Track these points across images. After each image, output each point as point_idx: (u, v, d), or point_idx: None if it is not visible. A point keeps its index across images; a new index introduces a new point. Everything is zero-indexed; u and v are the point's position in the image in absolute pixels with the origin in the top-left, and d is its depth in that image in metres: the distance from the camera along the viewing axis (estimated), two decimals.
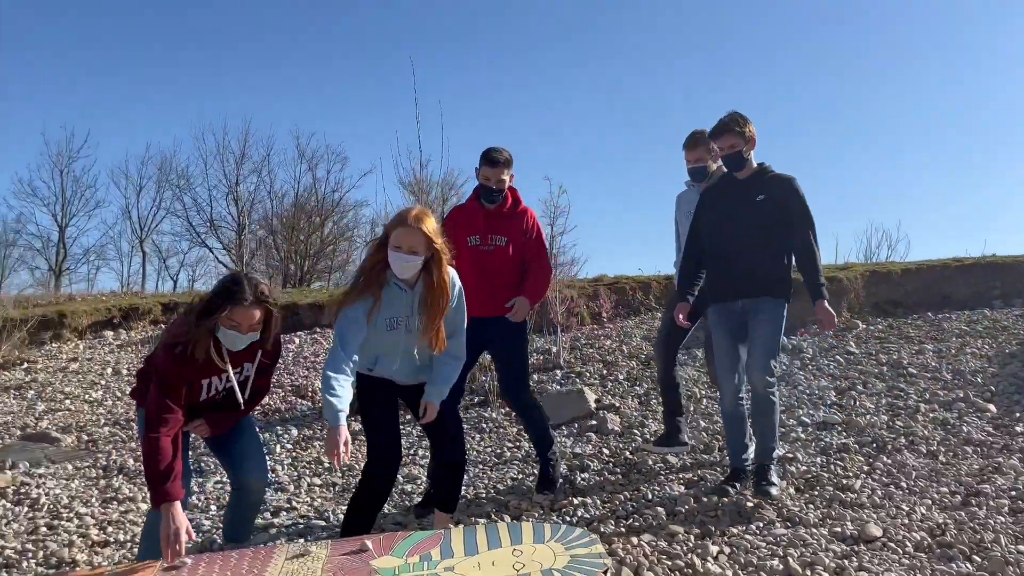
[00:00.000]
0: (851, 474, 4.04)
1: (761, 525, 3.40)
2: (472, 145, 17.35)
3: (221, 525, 3.64)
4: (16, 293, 14.18)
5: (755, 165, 3.80)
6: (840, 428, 4.83)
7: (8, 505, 4.30)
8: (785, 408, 5.31)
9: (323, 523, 3.80)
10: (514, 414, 4.19)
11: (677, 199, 4.48)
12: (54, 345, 9.03)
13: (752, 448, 3.89)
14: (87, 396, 7.00)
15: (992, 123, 36.49)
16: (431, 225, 2.95)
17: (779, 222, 3.70)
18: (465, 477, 4.33)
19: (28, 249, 29.37)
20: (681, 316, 3.89)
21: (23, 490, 4.53)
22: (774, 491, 3.61)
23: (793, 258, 3.75)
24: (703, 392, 5.81)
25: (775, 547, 3.19)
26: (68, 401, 6.87)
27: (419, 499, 3.99)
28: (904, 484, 3.86)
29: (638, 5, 40.90)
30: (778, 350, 3.71)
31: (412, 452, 4.91)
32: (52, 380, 7.64)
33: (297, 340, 8.17)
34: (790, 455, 4.35)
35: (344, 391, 2.85)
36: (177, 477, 2.75)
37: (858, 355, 6.58)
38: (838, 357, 6.53)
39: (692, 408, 5.40)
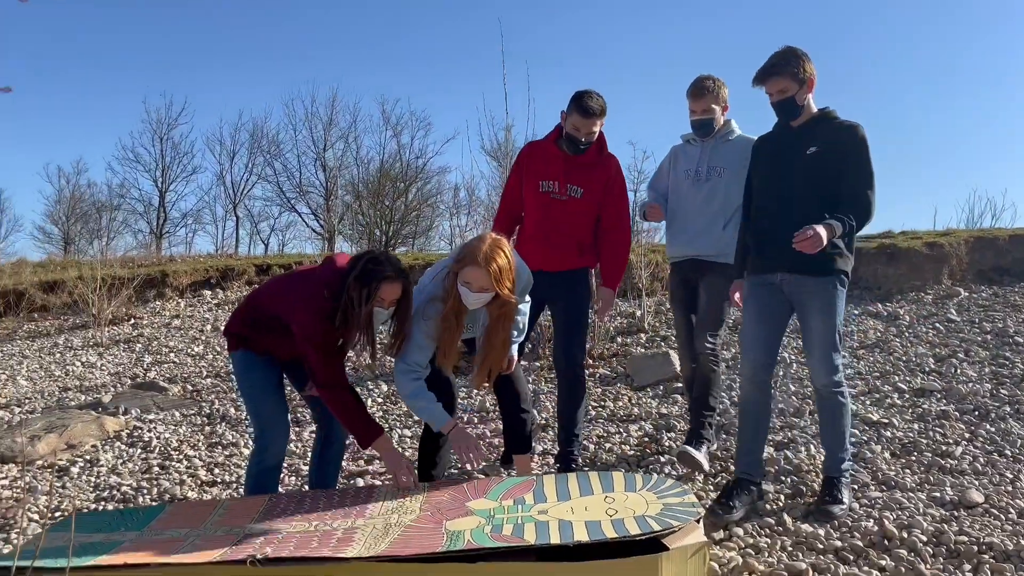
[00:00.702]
0: (951, 441, 3.90)
1: (855, 488, 3.34)
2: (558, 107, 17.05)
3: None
4: (122, 254, 14.97)
5: (814, 110, 3.18)
6: (939, 395, 4.66)
7: (123, 447, 4.60)
8: (880, 374, 5.15)
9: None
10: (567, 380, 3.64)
11: (672, 151, 3.90)
12: (157, 303, 9.54)
13: (759, 458, 3.27)
14: (189, 350, 7.37)
15: None
16: (502, 261, 2.85)
17: (835, 179, 3.07)
18: (550, 433, 4.40)
19: (131, 213, 31.04)
20: (736, 296, 3.40)
21: (136, 433, 4.83)
22: (837, 510, 3.04)
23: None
24: (792, 357, 5.68)
25: (870, 509, 3.13)
26: (172, 354, 7.26)
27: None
28: (1008, 452, 3.71)
29: None
30: (838, 341, 3.10)
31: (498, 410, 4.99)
32: (157, 335, 8.08)
33: None
34: (884, 420, 4.23)
35: (433, 398, 3.01)
36: (371, 418, 3.01)
37: (959, 323, 6.30)
38: (937, 324, 6.27)
39: (781, 372, 5.30)
